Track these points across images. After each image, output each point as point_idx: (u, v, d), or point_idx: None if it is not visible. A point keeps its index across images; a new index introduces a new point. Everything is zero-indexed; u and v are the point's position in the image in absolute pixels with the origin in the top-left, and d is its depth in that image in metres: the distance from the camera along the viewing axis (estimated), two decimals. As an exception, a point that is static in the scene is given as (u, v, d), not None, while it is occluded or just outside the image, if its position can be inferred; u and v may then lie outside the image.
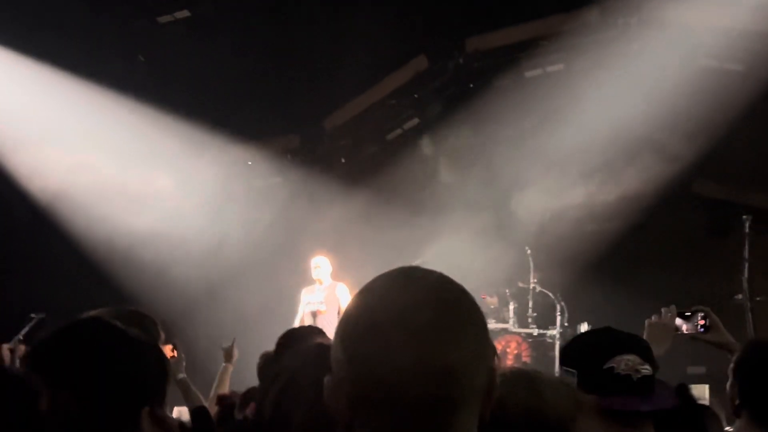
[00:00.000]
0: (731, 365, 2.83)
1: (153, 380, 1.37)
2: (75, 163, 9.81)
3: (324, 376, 1.24)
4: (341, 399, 1.20)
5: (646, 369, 2.23)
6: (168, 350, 4.03)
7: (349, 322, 1.21)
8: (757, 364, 2.75)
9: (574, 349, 2.37)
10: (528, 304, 9.12)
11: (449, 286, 1.23)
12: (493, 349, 1.29)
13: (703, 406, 2.85)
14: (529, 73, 10.22)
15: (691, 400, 2.56)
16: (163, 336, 2.54)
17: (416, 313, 1.16)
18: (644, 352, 2.28)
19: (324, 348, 2.19)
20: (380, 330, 1.16)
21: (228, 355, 5.59)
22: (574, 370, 2.26)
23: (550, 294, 9.12)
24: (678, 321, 3.36)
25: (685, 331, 3.35)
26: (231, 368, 5.47)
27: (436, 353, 1.14)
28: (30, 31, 8.92)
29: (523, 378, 1.93)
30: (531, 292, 9.14)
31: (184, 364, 4.20)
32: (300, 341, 2.68)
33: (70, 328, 1.31)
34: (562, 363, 2.36)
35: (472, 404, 1.18)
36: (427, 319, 1.15)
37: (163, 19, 9.98)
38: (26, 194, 9.96)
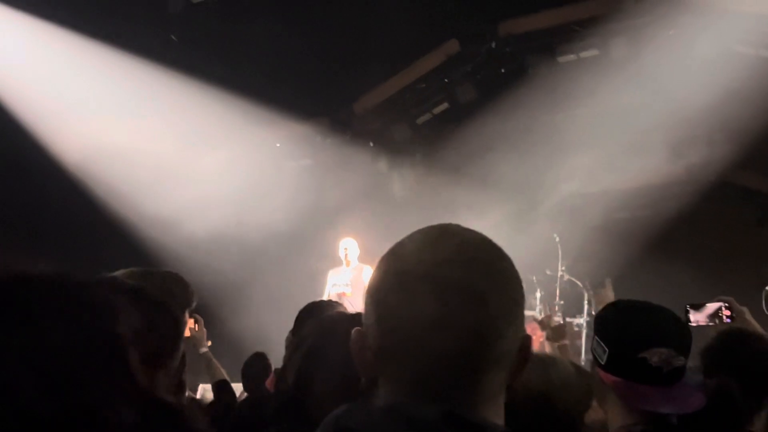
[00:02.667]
0: (700, 351, 2.77)
1: (162, 339, 1.36)
2: (107, 134, 9.89)
3: (342, 341, 1.23)
4: (367, 350, 1.19)
5: (680, 360, 2.18)
6: (190, 323, 4.03)
7: (379, 271, 1.21)
8: (719, 353, 2.69)
9: (611, 327, 2.30)
10: (555, 291, 9.06)
11: (485, 247, 1.21)
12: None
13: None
14: (562, 59, 10.09)
15: (733, 395, 2.48)
16: (194, 301, 2.53)
17: (445, 268, 1.14)
18: (682, 343, 2.22)
19: (343, 315, 2.18)
20: (407, 281, 1.15)
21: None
22: (606, 348, 2.21)
23: (578, 282, 9.05)
24: (694, 316, 3.27)
25: (700, 323, 3.26)
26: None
27: (460, 310, 1.12)
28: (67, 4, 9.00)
29: (537, 363, 1.87)
30: (559, 279, 9.08)
31: (206, 339, 4.18)
32: (318, 313, 2.67)
33: None
34: (596, 333, 2.31)
35: (498, 368, 1.16)
36: (456, 275, 1.13)
37: (197, -2, 9.99)
38: (60, 165, 10.07)
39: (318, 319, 2.15)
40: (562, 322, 8.93)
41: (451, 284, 1.13)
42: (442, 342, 1.11)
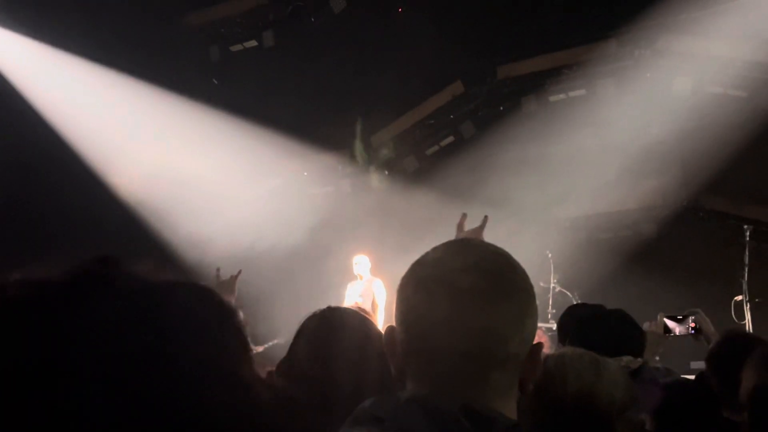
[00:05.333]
0: (707, 355, 2.72)
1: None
2: (157, 165, 9.95)
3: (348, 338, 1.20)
4: (395, 346, 1.18)
5: (636, 363, 2.15)
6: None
7: (406, 275, 1.20)
8: (726, 355, 2.63)
9: (571, 337, 2.28)
10: (548, 301, 9.02)
11: (499, 259, 1.19)
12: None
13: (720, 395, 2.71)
14: (553, 98, 10.13)
15: (709, 390, 2.46)
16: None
17: (460, 275, 1.13)
18: (639, 347, 2.19)
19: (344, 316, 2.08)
20: (426, 285, 1.15)
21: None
22: None
23: (569, 293, 9.01)
24: (671, 324, 3.25)
25: (677, 333, 3.23)
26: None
27: (471, 314, 1.11)
28: (121, 51, 9.13)
29: (589, 359, 1.81)
30: (551, 291, 9.05)
31: None
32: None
33: None
34: (560, 341, 2.27)
35: (505, 368, 1.14)
36: (469, 282, 1.13)
37: (235, 47, 10.13)
38: (116, 197, 10.14)
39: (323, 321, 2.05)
40: (554, 328, 8.89)
41: (463, 289, 1.12)
42: (453, 340, 1.11)
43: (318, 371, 1.77)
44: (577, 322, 2.32)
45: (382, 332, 1.26)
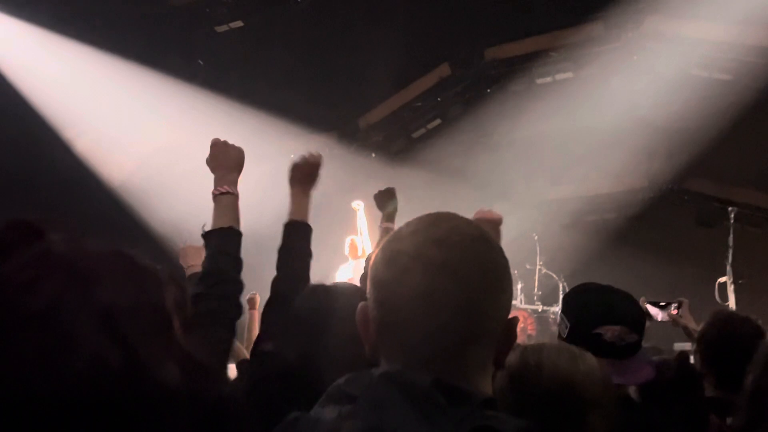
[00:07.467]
0: (697, 336, 2.84)
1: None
2: (141, 150, 9.84)
3: (342, 316, 1.18)
4: (368, 323, 1.15)
5: (632, 337, 2.16)
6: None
7: (379, 251, 1.18)
8: (716, 336, 2.71)
9: (573, 304, 2.30)
10: (534, 283, 9.04)
11: (473, 232, 1.16)
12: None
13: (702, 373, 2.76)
14: (540, 80, 10.09)
15: (690, 368, 2.50)
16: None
17: (433, 249, 1.10)
18: (635, 322, 2.21)
19: (338, 292, 2.10)
20: (399, 259, 1.12)
21: (251, 302, 5.22)
22: (567, 323, 2.21)
23: (554, 275, 9.04)
24: (653, 310, 3.31)
25: (660, 319, 3.31)
26: (257, 314, 5.11)
27: (445, 288, 1.08)
28: (106, 31, 9.00)
29: (567, 351, 1.82)
30: (537, 273, 9.07)
31: None
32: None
33: None
34: (562, 311, 2.30)
35: (481, 343, 1.12)
36: (442, 256, 1.10)
37: (221, 28, 10.01)
38: (102, 181, 10.03)
39: (314, 296, 2.07)
40: (540, 310, 8.92)
41: (437, 263, 1.09)
42: (427, 315, 1.08)
43: (300, 366, 1.79)
44: (582, 289, 2.35)
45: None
